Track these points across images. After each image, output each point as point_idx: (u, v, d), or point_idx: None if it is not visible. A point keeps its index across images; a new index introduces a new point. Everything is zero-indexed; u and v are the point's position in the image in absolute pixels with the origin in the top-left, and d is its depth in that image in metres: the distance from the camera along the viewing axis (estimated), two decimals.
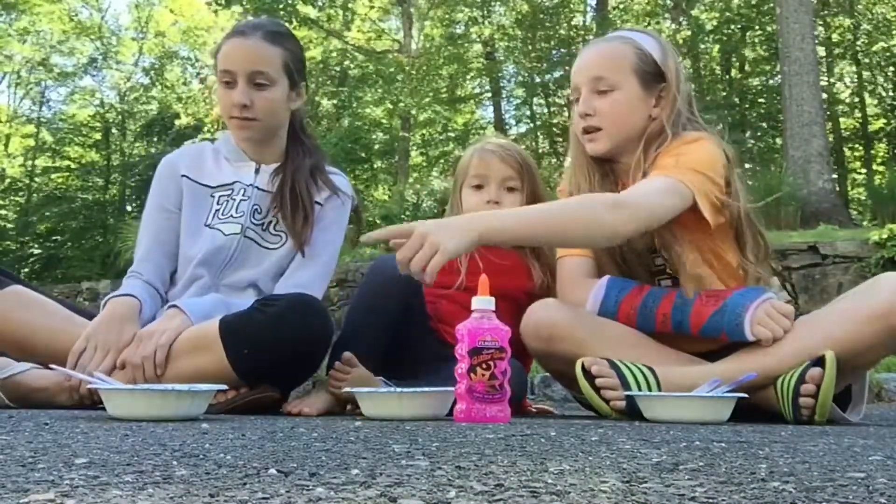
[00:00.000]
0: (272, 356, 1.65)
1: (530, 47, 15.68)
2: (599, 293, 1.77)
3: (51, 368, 1.64)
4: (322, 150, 2.12)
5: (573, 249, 1.86)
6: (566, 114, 18.15)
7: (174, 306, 1.78)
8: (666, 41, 1.88)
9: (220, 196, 1.98)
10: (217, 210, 1.96)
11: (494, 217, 1.59)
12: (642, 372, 1.63)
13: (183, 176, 1.99)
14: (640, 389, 1.60)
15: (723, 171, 1.72)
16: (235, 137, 1.99)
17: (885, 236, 5.31)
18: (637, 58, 1.78)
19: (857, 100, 15.99)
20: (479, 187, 2.05)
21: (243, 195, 1.96)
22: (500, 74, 16.70)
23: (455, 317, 1.94)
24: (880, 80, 15.92)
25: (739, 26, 15.17)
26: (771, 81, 14.80)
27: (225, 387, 1.53)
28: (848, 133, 16.28)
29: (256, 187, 1.97)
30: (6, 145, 19.33)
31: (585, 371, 1.64)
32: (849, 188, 15.27)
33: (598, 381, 1.62)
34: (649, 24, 15.84)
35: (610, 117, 1.77)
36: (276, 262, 1.94)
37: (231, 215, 1.95)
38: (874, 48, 15.13)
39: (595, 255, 1.84)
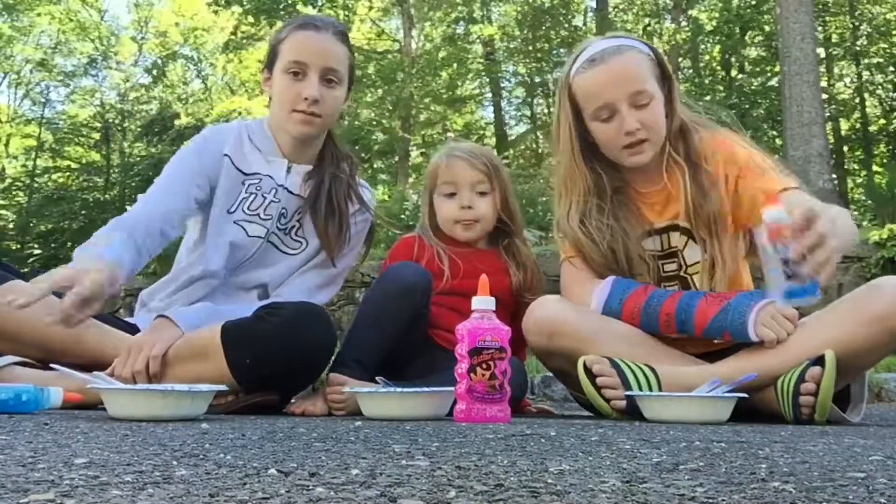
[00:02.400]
0: (274, 366, 1.62)
1: (530, 47, 15.68)
2: (604, 292, 1.77)
3: (50, 368, 1.61)
4: (356, 160, 2.07)
5: (573, 251, 1.86)
6: None
7: (162, 316, 1.74)
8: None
9: (249, 185, 1.92)
10: (244, 200, 1.90)
11: None
12: (643, 372, 1.62)
13: (226, 155, 1.92)
14: (641, 389, 1.60)
15: None
16: (294, 131, 1.90)
17: (885, 236, 5.31)
18: (651, 63, 1.80)
19: (857, 100, 15.99)
20: (451, 195, 2.05)
21: (274, 196, 1.91)
22: (500, 74, 16.71)
23: (442, 319, 1.96)
24: (879, 79, 15.92)
25: (739, 26, 15.18)
26: (771, 81, 14.81)
27: (225, 387, 1.52)
28: (848, 133, 16.28)
29: (286, 189, 1.92)
30: (6, 145, 19.33)
31: (587, 370, 1.64)
32: (849, 188, 15.27)
33: (599, 381, 1.62)
34: (649, 24, 15.85)
35: (654, 127, 1.78)
36: (291, 267, 1.93)
37: (259, 215, 1.90)
38: (873, 48, 15.13)
39: (595, 265, 1.82)
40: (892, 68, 15.33)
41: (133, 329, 1.83)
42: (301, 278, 1.92)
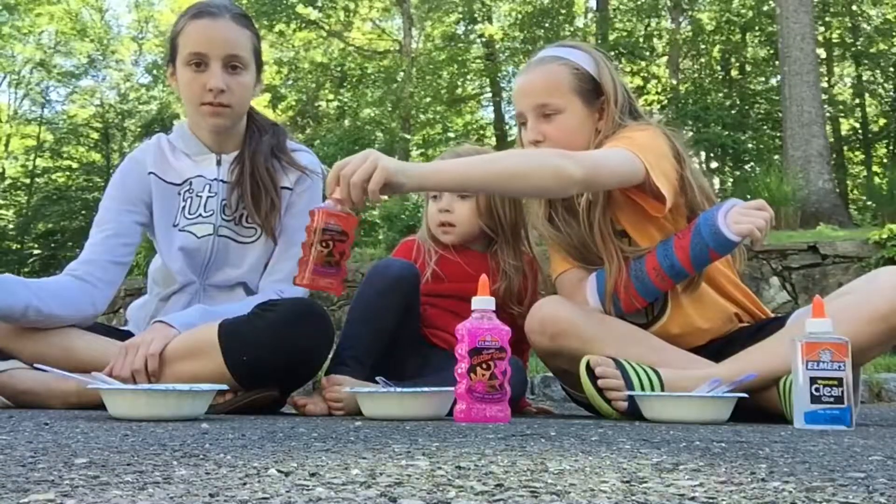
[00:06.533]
0: (272, 363, 1.62)
1: (530, 47, 15.66)
2: (593, 286, 1.80)
3: (37, 368, 1.61)
4: (281, 127, 2.00)
5: (563, 266, 1.88)
6: None
7: (158, 321, 1.74)
8: (597, 51, 1.88)
9: (184, 192, 1.89)
10: (183, 208, 1.88)
11: (433, 163, 1.62)
12: (647, 374, 1.62)
13: (150, 173, 1.90)
14: (643, 391, 1.60)
15: (674, 160, 1.73)
16: (206, 125, 1.87)
17: (885, 236, 5.30)
18: (574, 77, 1.80)
19: (857, 101, 15.99)
20: (435, 197, 2.06)
21: (209, 191, 1.88)
22: (499, 74, 16.70)
23: (435, 319, 1.97)
24: (879, 78, 15.92)
25: (740, 26, 15.18)
26: (771, 81, 14.82)
27: (225, 387, 1.52)
28: (848, 134, 16.28)
29: (221, 181, 1.89)
30: (6, 145, 19.34)
31: (590, 370, 1.64)
32: (849, 188, 15.27)
33: (603, 382, 1.62)
34: (649, 24, 15.84)
35: (559, 140, 1.79)
36: (258, 256, 1.89)
37: (200, 215, 1.88)
38: (872, 49, 15.13)
39: (577, 264, 1.86)
40: (892, 69, 15.33)
41: (127, 336, 1.84)
42: (276, 268, 1.89)
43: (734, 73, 16.60)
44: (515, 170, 1.56)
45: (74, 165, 18.55)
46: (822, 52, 14.21)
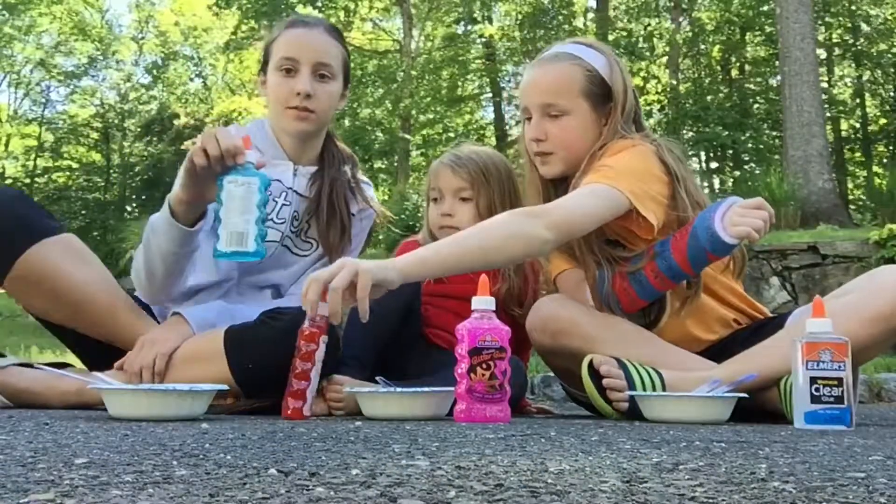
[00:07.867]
0: (276, 371, 1.60)
1: (530, 47, 15.68)
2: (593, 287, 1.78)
3: (37, 367, 1.60)
4: (356, 158, 2.07)
5: (562, 265, 1.87)
6: None
7: (177, 313, 1.75)
8: (612, 52, 1.85)
9: None
10: None
11: (413, 253, 1.54)
12: (649, 375, 1.62)
13: None
14: (645, 391, 1.60)
15: (663, 176, 1.70)
16: (290, 129, 1.89)
17: (885, 236, 5.31)
18: (586, 80, 1.76)
19: (857, 101, 16.00)
20: (436, 200, 2.06)
21: (285, 199, 1.90)
22: (500, 75, 16.71)
23: (436, 318, 1.97)
24: (879, 79, 15.93)
25: (740, 26, 15.19)
26: (771, 81, 14.82)
27: (225, 387, 1.52)
28: (848, 134, 16.29)
29: (295, 192, 1.91)
30: (6, 145, 19.35)
31: (593, 369, 1.63)
32: (849, 188, 15.28)
33: (606, 381, 1.62)
34: (649, 24, 15.84)
35: (562, 142, 1.77)
36: (303, 267, 1.93)
37: (272, 220, 1.87)
38: (872, 49, 15.14)
39: (575, 263, 1.84)
40: (892, 69, 15.34)
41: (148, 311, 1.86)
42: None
43: (734, 72, 16.60)
44: (488, 245, 1.54)
45: (74, 165, 18.56)
46: (822, 52, 14.20)
